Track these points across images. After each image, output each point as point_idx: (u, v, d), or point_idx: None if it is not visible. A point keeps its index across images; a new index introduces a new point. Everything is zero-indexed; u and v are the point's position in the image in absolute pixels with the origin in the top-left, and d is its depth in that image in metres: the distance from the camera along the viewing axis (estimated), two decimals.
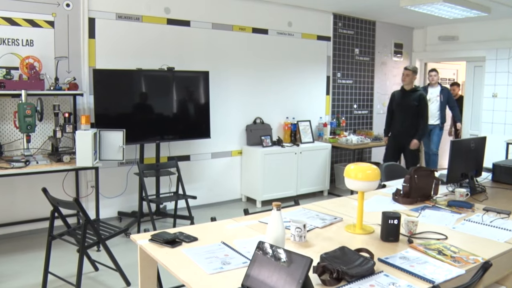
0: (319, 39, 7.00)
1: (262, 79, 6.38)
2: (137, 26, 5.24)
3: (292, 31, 6.63)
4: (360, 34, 7.60)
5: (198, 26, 5.70)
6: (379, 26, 7.88)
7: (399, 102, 6.12)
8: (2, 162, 4.15)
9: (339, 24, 7.25)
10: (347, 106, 7.59)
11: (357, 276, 1.82)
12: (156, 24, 5.38)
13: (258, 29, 6.27)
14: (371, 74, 7.88)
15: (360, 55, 7.67)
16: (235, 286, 1.75)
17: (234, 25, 6.02)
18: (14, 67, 4.48)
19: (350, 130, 7.55)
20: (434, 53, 8.34)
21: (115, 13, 5.09)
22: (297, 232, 2.25)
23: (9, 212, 4.67)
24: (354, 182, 2.40)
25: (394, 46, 8.23)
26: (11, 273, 3.85)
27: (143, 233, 2.36)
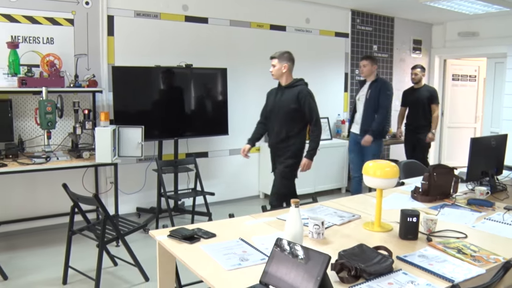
0: (337, 35, 6.96)
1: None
2: (155, 23, 5.28)
3: (310, 27, 6.60)
4: (378, 30, 7.54)
5: (216, 23, 5.71)
6: (397, 22, 7.80)
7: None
8: (23, 158, 4.22)
9: (357, 21, 7.20)
10: None
11: (375, 274, 1.81)
12: (174, 21, 5.41)
13: (275, 26, 6.25)
14: (389, 71, 7.81)
15: (379, 52, 7.61)
16: (253, 283, 1.76)
17: (252, 22, 6.02)
18: (35, 64, 4.54)
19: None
20: (453, 50, 8.23)
21: (134, 11, 5.13)
22: (315, 229, 2.25)
23: (31, 207, 4.75)
24: (373, 180, 2.39)
25: (413, 42, 8.15)
26: (33, 267, 3.92)
27: (161, 229, 2.38)
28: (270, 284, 1.73)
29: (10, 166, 3.93)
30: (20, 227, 4.72)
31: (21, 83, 4.31)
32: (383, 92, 5.28)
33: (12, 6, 4.44)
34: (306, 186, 6.24)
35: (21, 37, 4.52)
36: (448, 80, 8.62)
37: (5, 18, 4.43)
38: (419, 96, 6.28)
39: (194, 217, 5.16)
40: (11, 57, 4.29)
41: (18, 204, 4.69)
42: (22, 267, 3.92)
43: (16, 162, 4.03)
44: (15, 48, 4.32)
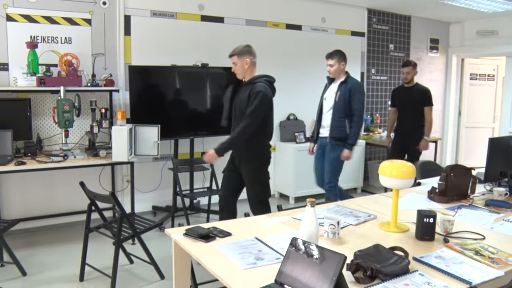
0: (353, 35, 6.92)
1: (296, 75, 6.35)
2: (171, 23, 5.30)
3: (326, 27, 6.58)
4: (395, 29, 7.48)
5: (232, 22, 5.72)
6: (414, 21, 7.73)
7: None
8: (41, 156, 4.27)
9: (373, 20, 7.15)
10: (381, 103, 7.48)
11: (391, 274, 1.80)
12: (190, 20, 5.43)
13: (291, 25, 6.24)
14: None
15: (395, 51, 7.55)
16: (268, 282, 1.76)
17: (267, 21, 6.02)
18: (54, 64, 4.60)
19: (384, 127, 7.44)
20: (472, 48, 8.13)
21: (150, 10, 5.16)
22: (331, 229, 2.24)
23: (49, 204, 4.82)
24: (389, 180, 2.37)
25: (430, 41, 8.07)
26: (51, 263, 3.97)
27: (177, 228, 2.40)
28: (285, 284, 1.73)
29: (28, 164, 3.99)
30: (39, 224, 4.79)
31: (40, 82, 4.37)
32: (354, 95, 4.64)
33: (31, 6, 4.51)
34: None
35: (40, 37, 4.58)
36: (465, 79, 8.52)
37: (25, 19, 4.50)
38: (410, 96, 5.70)
39: (209, 216, 5.18)
40: (30, 56, 4.35)
41: (37, 202, 4.75)
42: (40, 263, 3.97)
43: (34, 160, 4.09)
44: (34, 48, 4.38)
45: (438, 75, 8.33)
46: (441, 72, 8.37)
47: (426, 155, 7.66)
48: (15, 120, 4.30)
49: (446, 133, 8.61)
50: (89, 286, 3.58)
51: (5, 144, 4.15)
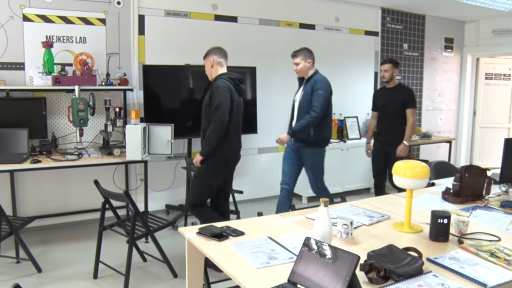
0: (367, 34, 6.89)
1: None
2: (185, 22, 5.33)
3: (339, 26, 6.56)
4: (409, 28, 7.43)
5: (245, 22, 5.73)
6: (428, 20, 7.67)
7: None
8: (56, 154, 4.32)
9: (387, 19, 7.11)
10: None
11: (404, 275, 1.79)
12: (204, 20, 5.45)
13: (305, 25, 6.23)
14: (420, 70, 7.69)
15: (409, 51, 7.50)
16: (281, 281, 1.76)
17: (281, 20, 6.01)
18: (69, 63, 4.65)
19: None
20: (487, 48, 8.04)
21: (164, 10, 5.19)
22: (344, 229, 2.24)
23: (63, 202, 4.87)
24: (403, 180, 2.36)
25: (444, 41, 8.00)
26: (65, 261, 4.01)
27: (191, 226, 2.41)
28: (298, 283, 1.73)
29: (44, 162, 4.03)
30: (53, 222, 4.84)
31: (55, 81, 4.41)
32: (315, 90, 4.32)
33: (47, 7, 4.55)
34: (334, 185, 6.19)
35: (55, 37, 4.63)
36: (480, 79, 8.43)
37: (41, 19, 4.55)
38: (391, 98, 5.15)
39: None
40: (46, 56, 4.40)
41: (52, 200, 4.81)
42: (55, 260, 4.02)
43: (49, 159, 4.14)
44: (49, 48, 4.42)
45: (453, 74, 8.26)
46: (455, 72, 8.30)
47: (439, 156, 7.64)
48: (30, 119, 4.36)
49: (460, 133, 8.54)
50: (103, 284, 3.61)
51: (21, 142, 4.20)
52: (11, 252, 3.98)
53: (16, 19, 4.45)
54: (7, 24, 4.42)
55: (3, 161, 3.91)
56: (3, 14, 4.39)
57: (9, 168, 3.91)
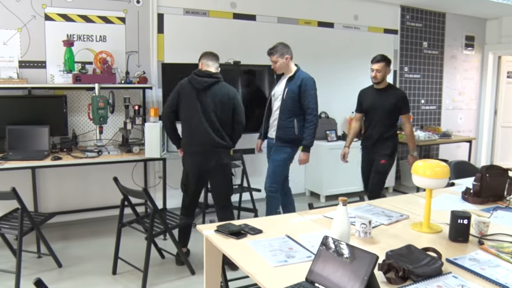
0: (386, 32, 6.84)
1: (327, 73, 6.31)
2: (204, 20, 5.35)
3: (358, 24, 6.52)
4: (429, 26, 7.35)
5: (264, 20, 5.73)
6: (449, 18, 7.58)
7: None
8: (77, 152, 4.38)
9: (406, 17, 7.04)
10: (414, 101, 7.37)
11: (423, 276, 1.78)
12: (223, 18, 5.46)
13: (323, 23, 6.21)
14: (439, 68, 7.60)
15: (429, 49, 7.42)
16: (299, 280, 1.77)
17: (299, 19, 6.00)
18: (89, 61, 4.71)
19: (417, 126, 7.33)
20: (509, 46, 7.89)
21: (183, 8, 5.22)
22: (362, 228, 2.23)
23: (83, 199, 4.93)
24: (422, 179, 2.34)
25: (465, 39, 7.89)
26: (85, 256, 4.07)
27: (209, 224, 2.42)
28: (316, 282, 1.73)
29: (64, 159, 4.10)
30: (73, 218, 4.91)
31: (76, 79, 4.47)
32: (306, 91, 4.13)
33: (68, 6, 4.62)
34: (353, 184, 6.17)
35: (76, 36, 4.69)
36: (502, 77, 8.29)
37: (62, 18, 4.61)
38: (381, 100, 4.50)
39: (240, 213, 5.21)
40: (67, 54, 4.46)
41: (72, 196, 4.87)
42: (74, 256, 4.07)
43: (70, 156, 4.20)
44: (70, 46, 4.48)
45: (473, 73, 8.15)
46: (476, 70, 8.18)
47: (459, 155, 7.55)
48: (52, 117, 4.43)
49: (481, 132, 8.41)
50: (122, 280, 3.65)
51: (43, 139, 4.27)
52: (33, 247, 4.05)
53: (38, 18, 4.52)
54: (30, 23, 4.49)
55: (25, 158, 3.98)
56: (26, 14, 4.46)
57: (31, 164, 3.99)
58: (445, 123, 7.74)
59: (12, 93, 4.38)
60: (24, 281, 3.40)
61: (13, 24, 4.43)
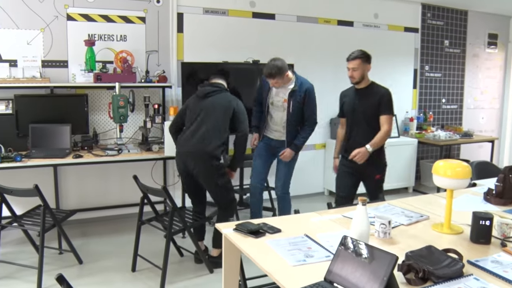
0: (406, 30, 6.76)
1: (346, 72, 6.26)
2: (223, 20, 5.36)
3: (378, 23, 6.46)
4: (451, 24, 7.25)
5: (283, 19, 5.72)
6: (471, 15, 7.46)
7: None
8: (97, 150, 4.43)
9: (428, 15, 6.96)
10: (435, 101, 7.28)
11: (444, 277, 1.76)
12: (242, 17, 5.47)
13: (343, 22, 6.17)
14: (461, 67, 7.50)
15: (450, 47, 7.32)
16: (318, 280, 1.76)
17: (319, 17, 5.97)
18: (109, 61, 4.76)
19: (437, 125, 7.24)
20: None
21: (202, 8, 5.23)
22: (382, 228, 2.21)
23: (103, 196, 4.99)
24: (443, 180, 2.31)
25: (488, 37, 7.76)
26: (105, 253, 4.12)
27: (227, 223, 2.43)
28: (335, 282, 1.72)
29: (85, 157, 4.15)
30: (94, 215, 4.97)
31: (97, 78, 4.53)
32: (310, 97, 4.20)
33: (89, 6, 4.67)
34: None
35: (97, 35, 4.74)
36: None
37: (83, 18, 4.67)
38: (362, 102, 3.93)
39: None
40: (88, 54, 4.52)
41: (92, 194, 4.94)
42: (95, 252, 4.13)
43: (91, 154, 4.25)
44: (91, 46, 4.54)
45: (496, 71, 8.01)
46: (499, 69, 8.04)
47: (481, 156, 7.44)
48: (73, 115, 4.49)
49: (504, 132, 8.27)
50: (141, 277, 3.69)
51: (64, 138, 4.33)
52: (54, 244, 4.11)
53: (60, 18, 4.58)
54: (52, 24, 4.56)
55: (47, 156, 4.05)
56: (48, 14, 4.53)
57: (53, 162, 4.05)
58: (467, 122, 7.63)
59: (35, 92, 4.46)
60: (46, 277, 3.46)
61: (36, 24, 4.51)
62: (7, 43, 4.42)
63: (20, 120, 4.32)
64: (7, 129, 4.29)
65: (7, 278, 3.58)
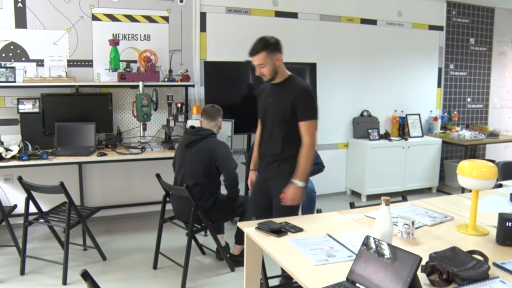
0: (430, 28, 6.67)
1: (370, 71, 6.22)
2: (246, 19, 5.37)
3: (402, 21, 6.38)
4: (477, 22, 7.12)
5: (306, 17, 5.70)
6: (498, 13, 7.31)
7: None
8: (121, 148, 4.49)
9: (453, 13, 6.85)
10: (460, 100, 7.16)
11: (469, 279, 1.73)
12: (264, 16, 5.46)
13: (366, 20, 6.12)
14: (487, 66, 7.36)
15: (476, 45, 7.19)
16: (340, 279, 1.76)
17: (342, 16, 5.93)
18: (133, 60, 4.81)
19: (462, 125, 7.12)
20: None
21: (225, 7, 5.25)
22: (405, 228, 2.19)
23: (127, 194, 5.05)
24: (468, 180, 2.27)
25: None
26: (127, 250, 4.17)
27: (249, 221, 2.43)
28: (357, 282, 1.71)
29: (109, 155, 4.21)
30: (117, 213, 5.04)
31: (121, 77, 4.58)
32: None
33: (114, 6, 4.73)
34: (395, 184, 6.07)
35: (121, 35, 4.80)
36: None
37: (108, 18, 4.73)
38: (274, 101, 3.09)
39: None
40: (112, 53, 4.58)
41: (115, 191, 5.00)
42: (117, 249, 4.18)
43: (114, 152, 4.31)
44: (116, 45, 4.60)
45: None
46: None
47: (507, 156, 7.30)
48: (97, 114, 4.55)
49: None
50: (162, 274, 3.72)
51: (89, 136, 4.39)
52: (79, 240, 4.18)
53: (85, 18, 4.65)
54: (78, 24, 4.63)
55: (73, 154, 4.12)
56: (74, 15, 4.60)
57: (78, 160, 4.12)
58: (493, 122, 7.49)
59: (61, 91, 4.54)
60: (70, 272, 3.52)
61: (62, 24, 4.59)
62: (35, 43, 4.51)
63: (47, 118, 4.40)
64: (34, 127, 4.38)
65: (34, 273, 3.66)
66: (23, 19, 4.46)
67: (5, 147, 4.00)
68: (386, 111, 6.44)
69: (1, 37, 4.42)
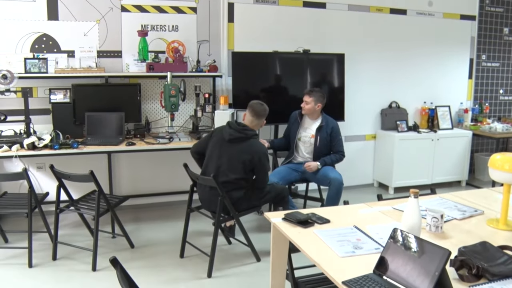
0: (462, 18, 6.51)
1: (399, 62, 6.12)
2: (273, 9, 5.34)
3: (432, 11, 6.25)
4: (511, 11, 6.92)
5: (334, 8, 5.63)
6: None
7: None
8: (149, 138, 4.55)
9: (486, 1, 6.66)
10: (492, 91, 6.99)
11: (499, 275, 1.70)
12: (292, 7, 5.42)
13: (396, 10, 6.01)
14: None
15: (510, 35, 6.99)
16: (367, 272, 1.75)
17: (371, 6, 5.84)
18: (161, 51, 4.85)
19: (494, 117, 6.96)
20: None
21: None
22: (434, 222, 2.16)
23: (154, 183, 5.12)
24: (500, 173, 2.23)
25: None
26: (155, 239, 4.23)
27: (276, 212, 2.44)
28: (384, 275, 1.70)
29: (138, 145, 4.27)
30: (145, 202, 5.11)
31: (149, 68, 4.63)
32: (337, 136, 4.53)
33: None
34: (423, 177, 5.99)
35: (149, 26, 4.84)
36: None
37: (137, 9, 4.78)
38: None
39: (306, 202, 5.20)
40: (141, 44, 4.62)
41: (144, 180, 5.08)
42: (146, 237, 4.25)
43: (143, 142, 4.36)
44: (144, 36, 4.64)
45: None
46: None
47: None
48: (126, 104, 4.61)
49: None
50: (189, 263, 3.76)
51: (118, 126, 4.47)
52: (108, 228, 4.26)
53: (115, 10, 4.71)
54: (107, 15, 4.69)
55: (102, 143, 4.19)
56: (104, 6, 4.66)
57: (107, 149, 4.20)
58: None
59: (91, 82, 4.62)
60: (100, 259, 3.60)
61: (92, 16, 4.65)
62: (66, 34, 4.59)
63: (77, 108, 4.49)
64: (65, 117, 4.47)
65: (65, 259, 3.75)
66: (55, 11, 4.54)
67: (38, 136, 4.09)
68: (415, 103, 6.34)
69: (34, 29, 4.51)
